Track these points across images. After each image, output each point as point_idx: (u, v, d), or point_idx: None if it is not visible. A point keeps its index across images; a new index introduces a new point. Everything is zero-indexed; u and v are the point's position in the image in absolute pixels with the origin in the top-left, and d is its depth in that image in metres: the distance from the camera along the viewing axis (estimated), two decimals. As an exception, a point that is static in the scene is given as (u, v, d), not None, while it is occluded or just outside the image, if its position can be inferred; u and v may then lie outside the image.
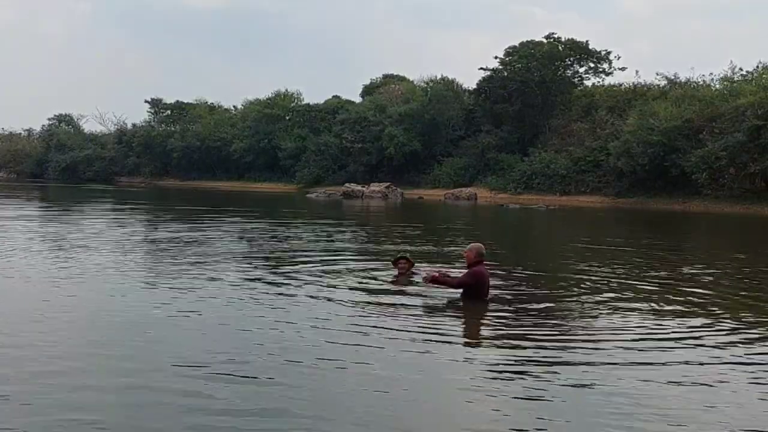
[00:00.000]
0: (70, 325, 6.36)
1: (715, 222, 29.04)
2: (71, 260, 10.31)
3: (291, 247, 13.43)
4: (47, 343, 5.62)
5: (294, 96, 72.72)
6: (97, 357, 5.30)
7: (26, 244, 12.38)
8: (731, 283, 10.03)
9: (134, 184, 70.38)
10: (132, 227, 17.59)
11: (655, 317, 7.20)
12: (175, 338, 5.94)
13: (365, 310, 7.17)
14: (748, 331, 6.72)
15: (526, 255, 14.53)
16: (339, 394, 4.58)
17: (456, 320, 7.16)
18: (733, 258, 13.92)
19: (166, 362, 5.13)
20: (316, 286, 8.47)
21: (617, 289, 8.94)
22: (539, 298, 8.25)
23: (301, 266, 10.32)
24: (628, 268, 11.18)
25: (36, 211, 24.24)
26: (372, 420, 4.16)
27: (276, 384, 4.71)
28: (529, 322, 6.88)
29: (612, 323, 6.88)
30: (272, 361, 5.24)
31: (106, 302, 7.39)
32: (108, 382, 4.70)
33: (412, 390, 4.71)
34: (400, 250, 10.85)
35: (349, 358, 5.40)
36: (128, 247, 12.32)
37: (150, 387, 4.60)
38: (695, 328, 6.74)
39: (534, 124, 52.88)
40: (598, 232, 22.14)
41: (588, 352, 5.76)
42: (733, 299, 8.56)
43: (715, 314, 7.48)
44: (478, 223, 26.06)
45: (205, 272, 9.37)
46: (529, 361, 5.46)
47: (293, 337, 6.01)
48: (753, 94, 38.21)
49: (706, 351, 5.86)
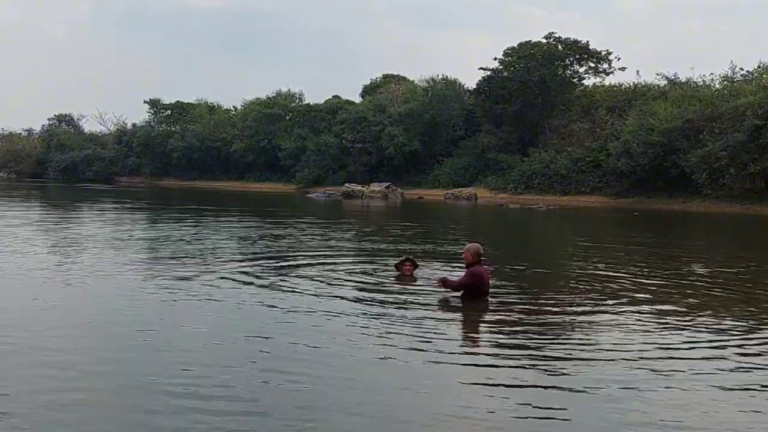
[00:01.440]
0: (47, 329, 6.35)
1: (716, 222, 29.03)
2: (66, 260, 10.30)
3: (291, 247, 13.41)
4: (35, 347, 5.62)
5: (296, 96, 72.78)
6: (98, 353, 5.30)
7: (23, 243, 12.37)
8: (733, 281, 10.03)
9: (134, 184, 70.37)
10: (132, 227, 17.59)
11: (656, 318, 7.19)
12: (176, 338, 5.94)
13: (365, 310, 7.16)
14: (749, 330, 6.71)
15: (526, 254, 14.52)
16: (333, 389, 4.58)
17: (456, 320, 7.16)
18: (735, 258, 13.92)
19: (164, 360, 5.13)
20: (316, 287, 8.45)
21: (618, 289, 8.93)
22: (539, 297, 8.24)
23: (301, 266, 10.32)
24: (628, 268, 11.17)
25: (36, 210, 24.23)
26: (365, 411, 4.16)
27: (274, 380, 4.71)
28: (529, 321, 6.87)
29: (612, 323, 6.88)
30: (272, 360, 5.24)
31: (105, 302, 7.39)
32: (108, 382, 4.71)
33: (409, 387, 4.72)
34: (403, 252, 10.85)
35: (348, 357, 5.40)
36: (128, 247, 12.31)
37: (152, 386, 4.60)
38: (695, 328, 6.74)
39: (534, 124, 52.85)
40: (599, 231, 22.13)
41: (588, 352, 5.75)
42: (737, 298, 8.56)
43: (718, 313, 7.47)
44: (478, 223, 26.04)
45: (205, 272, 9.36)
46: (528, 358, 5.45)
47: (292, 336, 6.01)
48: (753, 94, 38.19)
49: (711, 351, 5.85)
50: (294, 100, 72.36)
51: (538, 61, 52.06)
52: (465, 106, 58.72)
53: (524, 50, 52.98)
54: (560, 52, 53.08)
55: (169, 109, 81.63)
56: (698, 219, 30.70)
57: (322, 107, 68.94)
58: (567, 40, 53.41)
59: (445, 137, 57.38)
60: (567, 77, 54.61)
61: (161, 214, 24.09)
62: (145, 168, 79.04)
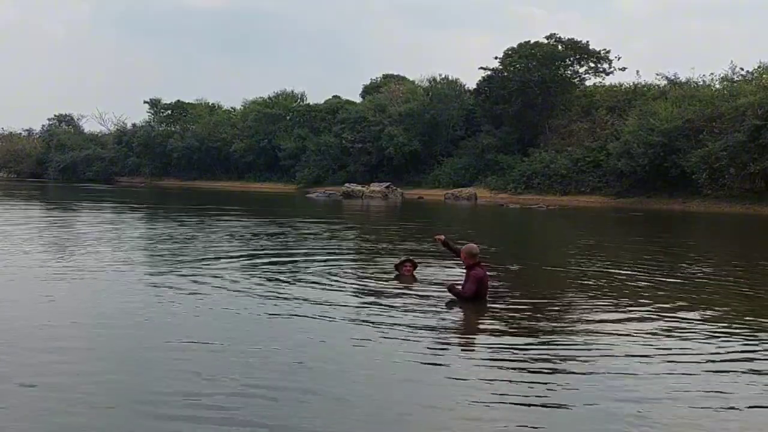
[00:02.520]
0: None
1: (716, 222, 29.03)
2: (61, 259, 10.30)
3: (290, 247, 13.41)
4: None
5: (297, 96, 72.79)
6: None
7: (21, 243, 12.37)
8: (734, 281, 10.02)
9: (134, 184, 70.38)
10: (131, 227, 17.58)
11: (656, 318, 7.19)
12: (174, 331, 5.94)
13: (365, 310, 7.15)
14: (749, 330, 6.71)
15: (526, 254, 14.52)
16: (333, 388, 4.57)
17: (456, 320, 7.15)
18: (735, 258, 13.92)
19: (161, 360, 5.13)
20: (316, 286, 8.45)
21: (618, 288, 8.93)
22: (539, 298, 8.24)
23: (301, 266, 10.32)
24: (629, 268, 11.17)
25: (35, 210, 24.22)
26: (364, 411, 4.16)
27: (273, 379, 4.71)
28: (529, 320, 6.87)
29: (613, 322, 6.87)
30: (269, 358, 5.24)
31: (104, 303, 7.38)
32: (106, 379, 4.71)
33: (407, 385, 4.71)
34: (403, 253, 10.84)
35: (346, 355, 5.39)
36: (126, 247, 12.30)
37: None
38: (697, 327, 6.73)
39: (534, 125, 52.85)
40: (599, 231, 22.12)
41: (589, 351, 5.75)
42: (734, 295, 8.56)
43: (716, 309, 7.47)
44: (478, 223, 26.04)
45: (204, 272, 9.35)
46: (528, 358, 5.45)
47: (292, 333, 6.01)
48: (753, 94, 38.20)
49: (710, 347, 5.85)
50: (295, 100, 72.37)
51: (538, 61, 52.08)
52: (465, 106, 58.74)
53: (524, 50, 53.00)
54: (560, 52, 53.10)
55: (169, 109, 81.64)
56: (698, 219, 30.70)
57: (322, 107, 68.95)
58: (567, 40, 53.45)
59: (445, 137, 57.39)
60: (567, 77, 54.63)
61: (161, 214, 24.08)
62: (145, 168, 79.05)
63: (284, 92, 72.82)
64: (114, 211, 24.58)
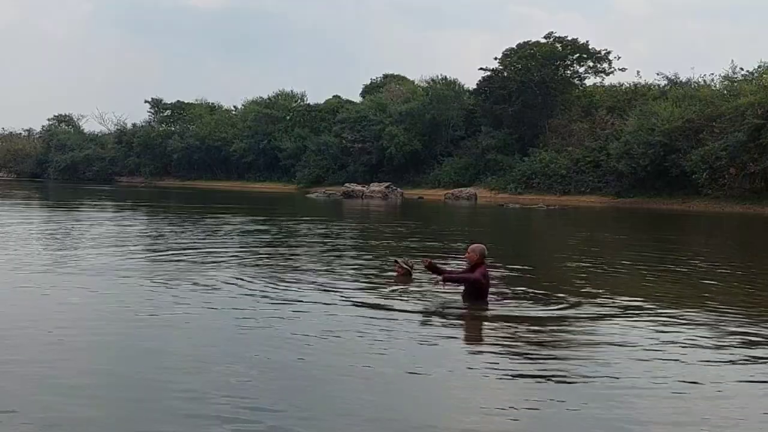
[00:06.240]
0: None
1: (716, 222, 29.02)
2: (58, 259, 10.29)
3: (290, 247, 13.41)
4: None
5: (297, 96, 72.84)
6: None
7: (21, 242, 12.36)
8: (734, 280, 10.02)
9: (134, 184, 70.43)
10: (130, 226, 17.57)
11: (656, 317, 7.18)
12: (175, 336, 5.94)
13: (365, 310, 7.14)
14: (750, 330, 6.71)
15: (526, 253, 14.52)
16: (331, 390, 4.56)
17: (456, 319, 7.14)
18: (736, 257, 13.91)
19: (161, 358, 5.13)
20: (315, 286, 8.44)
21: (619, 287, 8.92)
22: (540, 298, 8.22)
23: (301, 266, 10.31)
24: (629, 267, 11.17)
25: (35, 210, 24.23)
26: (358, 409, 4.15)
27: (272, 379, 4.70)
28: (529, 320, 6.85)
29: (613, 322, 6.87)
30: (269, 357, 5.23)
31: (103, 303, 7.37)
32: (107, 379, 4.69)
33: (406, 385, 4.70)
34: (398, 254, 10.82)
35: (345, 354, 5.38)
36: (126, 247, 12.30)
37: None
38: (697, 326, 6.73)
39: (534, 125, 52.86)
40: (599, 231, 22.11)
41: (589, 351, 5.74)
42: (737, 295, 8.55)
43: (719, 309, 7.46)
44: (478, 223, 26.02)
45: (204, 272, 9.34)
46: (529, 359, 5.44)
47: (291, 334, 6.00)
48: (753, 94, 38.20)
49: (710, 348, 5.84)
50: (295, 100, 72.40)
51: (538, 61, 52.09)
52: (465, 107, 58.76)
53: (524, 50, 53.02)
54: (560, 52, 53.12)
55: (169, 109, 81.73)
56: (698, 219, 30.69)
57: (322, 107, 69.00)
58: (567, 40, 53.46)
59: (445, 137, 57.40)
60: (567, 77, 54.66)
61: (161, 214, 24.07)
62: (145, 168, 79.09)
63: (284, 92, 72.90)
64: (114, 211, 24.57)
